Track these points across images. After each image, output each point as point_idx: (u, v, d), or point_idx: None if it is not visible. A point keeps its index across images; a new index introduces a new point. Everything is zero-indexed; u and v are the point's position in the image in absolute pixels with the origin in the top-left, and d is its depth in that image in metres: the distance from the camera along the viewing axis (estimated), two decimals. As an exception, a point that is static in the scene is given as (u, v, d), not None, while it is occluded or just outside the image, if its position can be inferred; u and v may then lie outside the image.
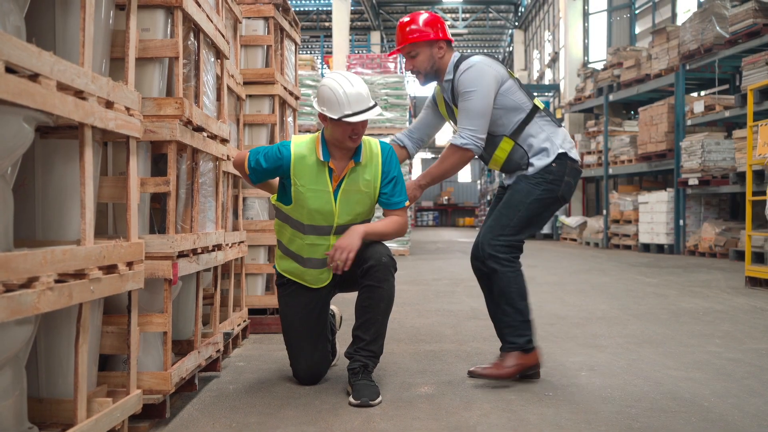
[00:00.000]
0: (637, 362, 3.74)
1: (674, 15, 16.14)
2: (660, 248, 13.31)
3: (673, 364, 3.69)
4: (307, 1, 29.51)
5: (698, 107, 12.42)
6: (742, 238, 11.05)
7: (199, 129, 2.96)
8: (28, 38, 2.11)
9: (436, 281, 8.19)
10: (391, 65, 14.15)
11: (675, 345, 4.23)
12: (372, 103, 3.01)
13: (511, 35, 32.27)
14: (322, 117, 3.03)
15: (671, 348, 4.13)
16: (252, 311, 4.74)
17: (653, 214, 13.45)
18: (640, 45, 17.49)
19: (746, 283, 7.40)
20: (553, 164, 3.30)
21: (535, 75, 28.52)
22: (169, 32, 2.74)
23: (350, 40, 21.84)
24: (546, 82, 26.31)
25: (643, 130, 13.95)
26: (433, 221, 41.89)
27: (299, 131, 6.00)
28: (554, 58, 24.00)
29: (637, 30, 18.42)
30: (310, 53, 34.21)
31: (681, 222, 12.93)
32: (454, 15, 31.02)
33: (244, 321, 4.40)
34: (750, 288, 7.23)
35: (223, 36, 3.42)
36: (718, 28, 11.60)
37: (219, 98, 3.52)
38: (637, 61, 14.37)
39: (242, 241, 4.23)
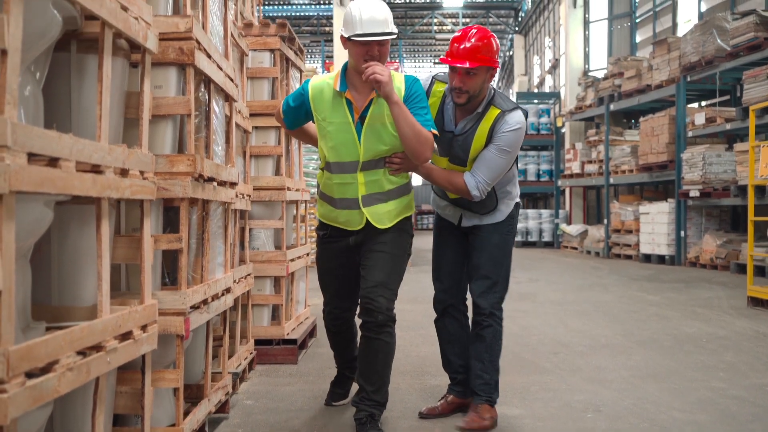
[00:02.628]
0: (642, 401, 3.76)
1: (675, 25, 16.16)
2: (661, 259, 13.33)
3: (678, 404, 3.72)
4: (308, 6, 29.55)
5: (699, 119, 12.45)
6: (743, 250, 11.08)
7: (209, 180, 2.99)
8: (45, 106, 2.15)
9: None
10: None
11: (679, 380, 4.25)
12: (387, 30, 3.00)
13: (512, 40, 32.30)
14: (343, 40, 3.05)
15: (676, 383, 4.16)
16: (258, 342, 4.77)
17: (654, 224, 13.48)
18: (640, 54, 17.51)
19: (748, 302, 7.42)
20: (513, 208, 3.52)
21: (536, 81, 28.54)
22: (181, 88, 2.77)
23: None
24: (546, 88, 26.34)
25: (644, 141, 13.98)
26: (433, 224, 41.89)
27: (303, 158, 6.03)
28: (555, 65, 24.03)
29: (638, 39, 18.45)
30: (311, 57, 34.24)
31: (682, 233, 12.96)
32: (454, 20, 31.05)
33: (251, 353, 4.43)
34: (752, 308, 7.26)
35: (232, 80, 3.45)
36: (719, 40, 11.62)
37: (228, 140, 3.55)
38: (638, 71, 14.39)
39: (249, 274, 4.26)
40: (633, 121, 17.23)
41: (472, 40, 3.13)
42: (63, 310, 2.27)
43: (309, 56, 34.43)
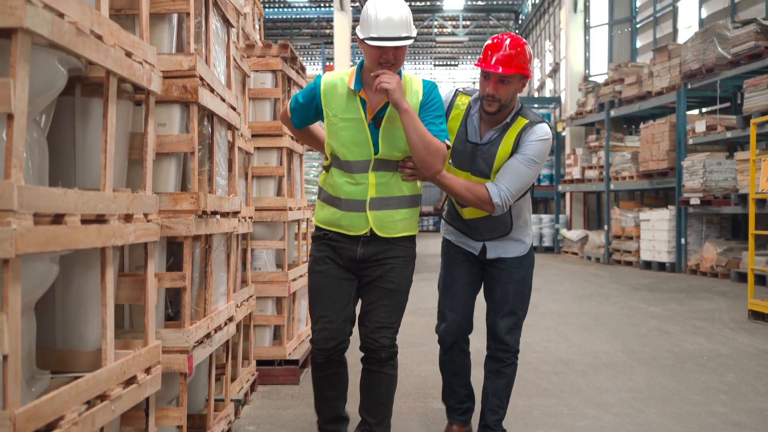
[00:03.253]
0: (643, 428, 3.77)
1: (675, 31, 16.17)
2: (661, 266, 13.34)
3: (679, 431, 3.72)
4: (308, 9, 29.54)
5: (700, 127, 12.45)
6: (744, 258, 11.09)
7: (213, 213, 2.99)
8: (49, 149, 2.15)
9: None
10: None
11: (680, 403, 4.26)
12: (404, 33, 2.80)
13: (512, 42, 32.24)
14: (359, 40, 2.87)
15: (677, 407, 4.16)
16: (259, 362, 4.77)
17: (655, 231, 13.48)
18: (641, 60, 17.51)
19: (749, 316, 7.43)
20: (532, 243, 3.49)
21: (536, 84, 28.55)
22: (185, 125, 2.77)
23: (351, 49, 21.83)
24: (547, 91, 26.34)
25: (645, 148, 13.98)
26: (433, 226, 41.94)
27: (305, 178, 6.03)
28: (555, 69, 24.03)
29: (639, 44, 18.44)
30: (311, 60, 34.25)
31: (682, 241, 12.96)
32: (454, 22, 31.06)
33: (253, 375, 4.44)
34: (752, 321, 7.26)
35: (234, 109, 3.45)
36: (719, 48, 11.63)
37: (230, 168, 3.55)
38: (639, 77, 14.39)
39: (251, 296, 4.27)
40: (633, 126, 17.23)
41: (507, 47, 3.04)
42: (67, 354, 2.28)
43: (309, 59, 34.44)
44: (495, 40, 3.11)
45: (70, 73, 2.14)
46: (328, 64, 29.31)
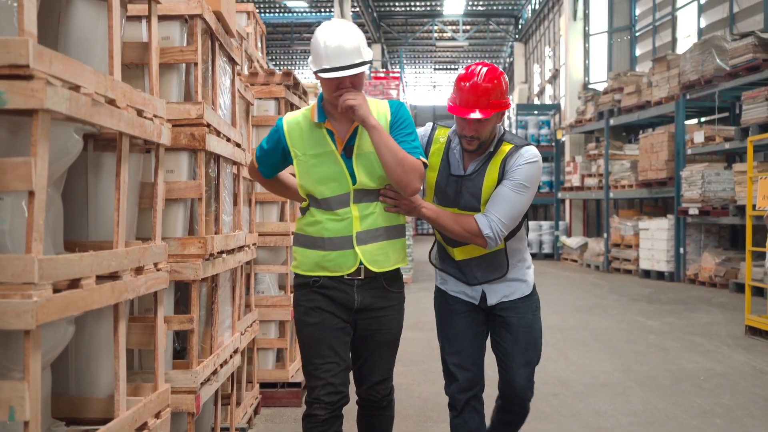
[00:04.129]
0: (640, 455, 3.84)
1: (674, 40, 16.24)
2: (660, 275, 13.41)
3: (676, 459, 3.80)
4: (308, 14, 29.63)
5: (698, 137, 12.53)
6: (742, 269, 11.17)
7: (219, 253, 3.07)
8: (63, 202, 2.23)
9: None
10: (394, 92, 14.26)
11: (677, 427, 4.33)
12: (358, 60, 2.60)
13: (512, 47, 32.39)
14: (314, 73, 2.69)
15: (674, 430, 4.24)
16: (263, 384, 4.85)
17: (654, 240, 13.56)
18: (640, 68, 17.60)
19: (746, 331, 7.50)
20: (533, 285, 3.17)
21: (536, 89, 28.63)
22: (192, 170, 2.85)
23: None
24: (546, 97, 26.42)
25: (644, 157, 14.06)
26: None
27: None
28: (555, 75, 24.11)
29: (638, 52, 18.52)
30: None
31: (681, 250, 13.04)
32: (454, 27, 31.13)
33: (256, 398, 4.51)
34: (749, 337, 7.34)
35: (239, 145, 3.53)
36: (718, 60, 11.71)
37: (236, 203, 3.63)
38: (638, 87, 14.47)
39: (255, 320, 4.35)
40: (633, 134, 17.31)
41: (484, 82, 2.77)
42: (81, 401, 2.35)
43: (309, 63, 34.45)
44: (466, 73, 2.83)
45: (84, 132, 2.21)
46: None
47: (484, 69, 2.81)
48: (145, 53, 2.52)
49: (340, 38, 2.60)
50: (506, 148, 2.92)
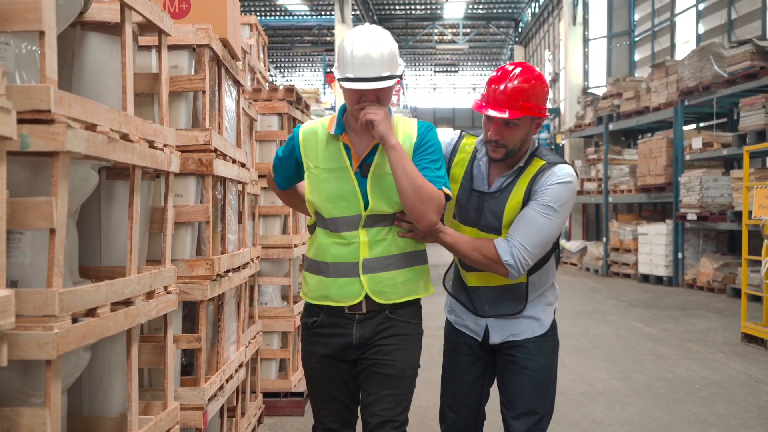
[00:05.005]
0: (635, 466, 3.94)
1: (673, 45, 16.34)
2: (659, 280, 13.50)
3: (670, 469, 3.90)
4: (309, 17, 29.74)
5: (696, 143, 12.63)
6: (739, 274, 11.26)
7: (226, 272, 3.17)
8: (78, 230, 2.33)
9: (439, 331, 8.34)
10: (394, 98, 14.32)
11: (672, 437, 4.44)
12: (386, 72, 2.39)
13: (512, 50, 32.49)
14: (336, 80, 2.49)
15: (668, 442, 4.34)
16: (266, 394, 4.94)
17: (652, 245, 13.65)
18: (639, 73, 17.70)
19: (742, 338, 7.60)
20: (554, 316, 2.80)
21: (536, 92, 28.72)
22: (200, 194, 2.95)
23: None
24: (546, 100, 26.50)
25: (643, 163, 14.16)
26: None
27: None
28: (554, 79, 24.21)
29: (637, 57, 18.63)
30: (312, 67, 34.43)
31: (680, 255, 13.14)
32: (454, 30, 31.26)
33: (260, 408, 4.61)
34: (745, 344, 7.43)
35: (244, 165, 3.63)
36: (716, 67, 11.80)
37: (240, 220, 3.73)
38: (637, 92, 14.58)
39: (258, 332, 4.44)
40: (632, 140, 17.41)
41: (515, 81, 2.48)
42: (93, 420, 2.45)
43: (310, 66, 34.64)
44: (500, 72, 2.55)
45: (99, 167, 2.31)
46: (329, 71, 29.46)
47: (519, 68, 2.53)
48: (155, 84, 2.62)
49: (369, 47, 2.38)
50: (538, 164, 2.59)
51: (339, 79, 2.42)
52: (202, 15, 3.00)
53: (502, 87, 2.48)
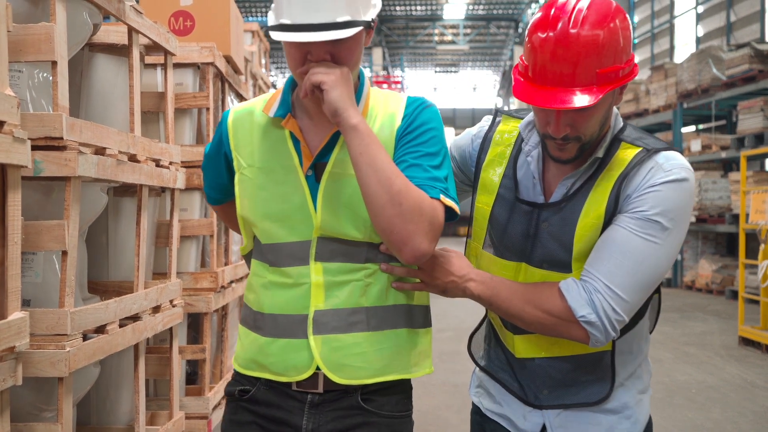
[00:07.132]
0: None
1: (672, 48, 16.43)
2: (658, 281, 13.57)
3: (664, 475, 3.97)
4: (310, 18, 29.81)
5: (695, 146, 12.71)
6: (738, 276, 11.34)
7: (230, 283, 3.24)
8: (86, 246, 2.40)
9: (440, 333, 8.41)
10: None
11: (667, 442, 4.51)
12: (343, 16, 1.44)
13: (512, 50, 32.57)
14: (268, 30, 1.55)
15: (663, 447, 4.41)
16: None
17: (651, 247, 13.71)
18: (638, 76, 17.77)
19: (739, 342, 7.67)
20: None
21: (536, 92, 28.80)
22: (204, 208, 3.02)
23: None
24: (546, 100, 26.58)
25: (642, 164, 14.23)
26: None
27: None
28: (554, 79, 24.28)
29: (637, 59, 18.55)
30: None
31: (678, 257, 13.21)
32: (455, 30, 31.33)
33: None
34: (743, 348, 7.50)
35: (247, 176, 3.69)
36: (714, 70, 11.88)
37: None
38: (636, 95, 14.65)
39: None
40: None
41: (585, 26, 1.46)
42: (101, 430, 2.52)
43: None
44: (546, 18, 1.49)
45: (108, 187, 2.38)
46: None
47: (585, 2, 1.49)
48: (161, 102, 2.69)
49: None
50: (628, 153, 1.59)
51: (270, 28, 1.49)
52: (206, 32, 3.07)
53: (561, 43, 1.45)
